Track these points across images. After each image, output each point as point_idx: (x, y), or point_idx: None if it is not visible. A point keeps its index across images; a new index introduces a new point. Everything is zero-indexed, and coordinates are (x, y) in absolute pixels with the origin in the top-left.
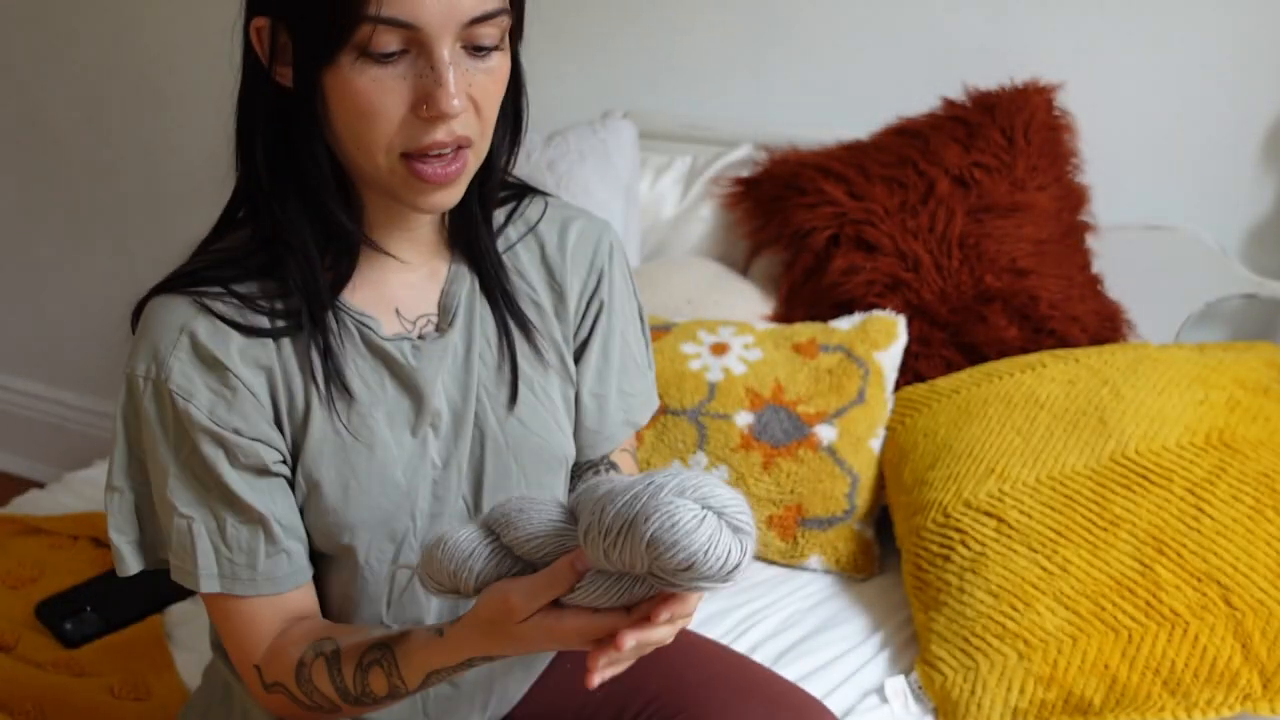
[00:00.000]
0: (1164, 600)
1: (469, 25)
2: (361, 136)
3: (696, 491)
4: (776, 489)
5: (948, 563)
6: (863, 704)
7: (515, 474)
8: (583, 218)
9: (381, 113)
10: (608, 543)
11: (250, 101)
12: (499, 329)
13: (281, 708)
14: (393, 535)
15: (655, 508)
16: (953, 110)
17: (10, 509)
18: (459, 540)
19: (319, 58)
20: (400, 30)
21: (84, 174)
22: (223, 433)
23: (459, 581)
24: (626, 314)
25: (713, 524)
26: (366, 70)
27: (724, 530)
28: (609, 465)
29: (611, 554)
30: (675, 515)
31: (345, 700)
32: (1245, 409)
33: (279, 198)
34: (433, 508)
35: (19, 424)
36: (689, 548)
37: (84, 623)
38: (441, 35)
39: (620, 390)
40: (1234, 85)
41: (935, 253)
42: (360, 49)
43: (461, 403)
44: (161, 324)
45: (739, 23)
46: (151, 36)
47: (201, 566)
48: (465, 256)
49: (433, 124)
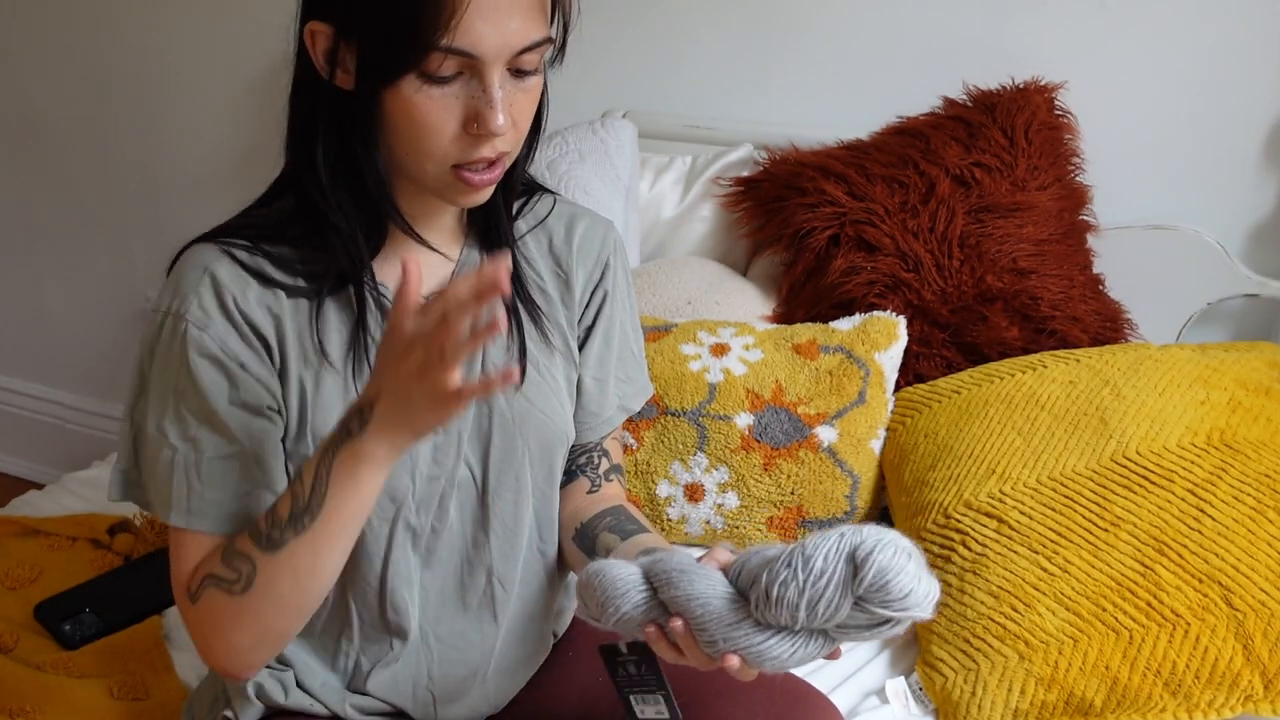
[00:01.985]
0: (1165, 601)
1: (518, 55)
2: (416, 146)
3: (889, 534)
4: (777, 490)
5: (948, 563)
6: (863, 705)
7: (520, 449)
8: (589, 215)
9: (437, 127)
10: (817, 588)
11: (308, 101)
12: (507, 311)
13: (205, 618)
14: (393, 493)
15: (875, 543)
16: (953, 110)
17: (9, 510)
18: (616, 576)
19: (387, 76)
20: (461, 58)
21: (84, 174)
22: (230, 364)
23: (604, 613)
24: (626, 306)
25: (916, 561)
26: (425, 89)
27: (924, 567)
28: (602, 452)
29: (817, 601)
30: (892, 549)
31: (259, 545)
32: (1246, 409)
33: (333, 189)
34: (431, 470)
35: (18, 425)
36: (909, 573)
37: (83, 624)
38: (495, 63)
39: (618, 377)
40: (1235, 85)
41: (936, 253)
42: (424, 72)
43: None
44: (188, 265)
45: (739, 23)
46: (152, 37)
47: (174, 500)
48: (479, 242)
49: (480, 140)
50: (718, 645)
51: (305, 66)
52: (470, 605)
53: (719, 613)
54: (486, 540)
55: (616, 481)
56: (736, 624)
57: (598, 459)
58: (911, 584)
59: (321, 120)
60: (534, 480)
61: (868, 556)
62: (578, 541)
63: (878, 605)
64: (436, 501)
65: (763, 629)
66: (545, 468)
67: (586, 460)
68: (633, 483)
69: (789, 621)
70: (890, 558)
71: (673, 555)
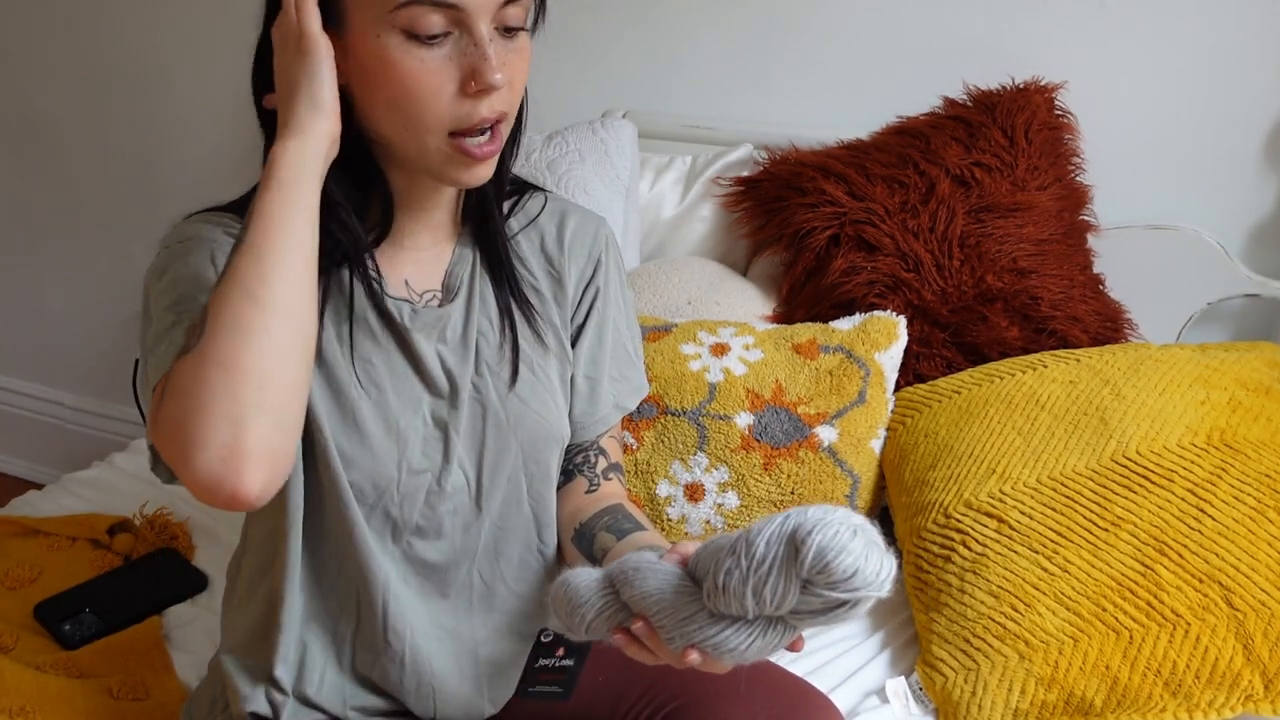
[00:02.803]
0: (1165, 601)
1: (502, 6)
2: (411, 117)
3: (835, 513)
4: (777, 490)
5: (948, 564)
6: (863, 705)
7: (514, 449)
8: (580, 211)
9: (431, 92)
10: (760, 573)
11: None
12: (500, 310)
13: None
14: (375, 480)
15: (814, 523)
16: (953, 110)
17: (9, 510)
18: (580, 585)
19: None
20: (445, 11)
21: (84, 174)
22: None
23: (573, 623)
24: (619, 304)
25: (863, 537)
26: (414, 52)
27: (872, 543)
28: (599, 450)
29: (762, 587)
30: (834, 527)
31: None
32: (1247, 409)
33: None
34: (419, 463)
35: (18, 425)
36: (853, 552)
37: (83, 624)
38: (482, 15)
39: (611, 375)
40: (1236, 85)
41: (936, 253)
42: (411, 34)
43: (459, 372)
44: (185, 229)
45: (739, 23)
46: (151, 37)
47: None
48: (472, 239)
49: (478, 100)
50: (675, 641)
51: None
52: (463, 603)
53: (673, 607)
54: (480, 539)
55: (615, 480)
56: (691, 617)
57: (595, 458)
58: (857, 563)
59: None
60: (529, 480)
61: (806, 537)
62: (576, 542)
63: (823, 587)
64: (423, 497)
65: (717, 620)
66: (540, 467)
67: (584, 460)
68: (633, 482)
69: (740, 610)
70: (830, 537)
71: (631, 556)
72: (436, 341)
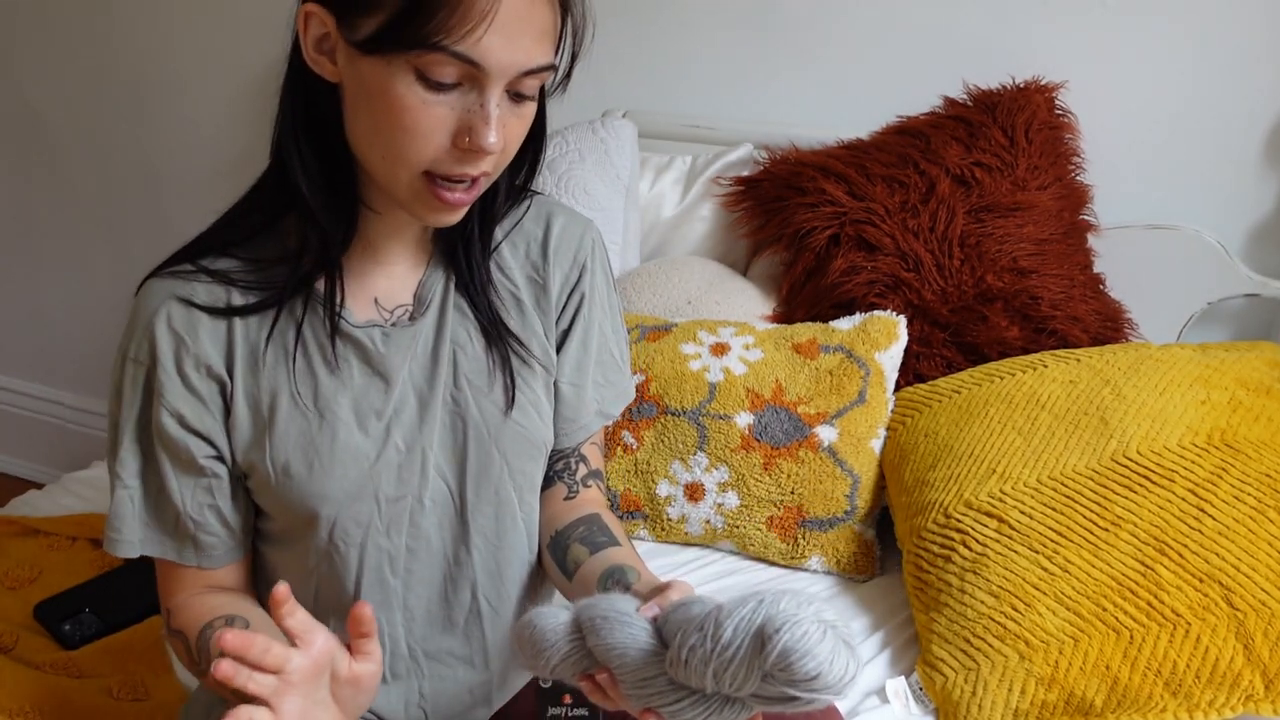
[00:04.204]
0: (1166, 601)
1: (522, 76)
2: (394, 148)
3: (809, 608)
4: (777, 490)
5: (949, 563)
6: (863, 705)
7: (498, 461)
8: (566, 213)
9: (425, 135)
10: (723, 659)
11: (297, 96)
12: (486, 336)
13: (178, 652)
14: (357, 518)
15: (784, 620)
16: (954, 109)
17: (9, 510)
18: (546, 628)
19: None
20: (464, 66)
21: (84, 174)
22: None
23: (537, 664)
24: (605, 309)
25: (833, 637)
26: (418, 92)
27: (840, 644)
28: (579, 457)
29: (723, 672)
30: (803, 627)
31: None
32: (1247, 409)
33: (313, 187)
34: (395, 491)
35: (18, 425)
36: (817, 657)
37: (83, 624)
38: (498, 80)
39: (596, 381)
40: (1236, 85)
41: (936, 252)
42: (423, 76)
43: (428, 390)
44: (142, 308)
45: (739, 23)
46: (151, 37)
47: (126, 533)
48: (445, 253)
49: (466, 156)
50: (634, 699)
51: (298, 59)
52: (457, 623)
53: (635, 665)
54: (469, 556)
55: (595, 487)
56: (651, 680)
57: (575, 464)
58: (820, 667)
59: (301, 107)
60: (517, 492)
61: (774, 634)
62: (551, 550)
63: (783, 684)
64: (406, 521)
65: (677, 689)
66: (526, 478)
67: (564, 466)
68: (633, 482)
69: (699, 685)
70: (798, 638)
71: (602, 601)
72: (410, 361)
